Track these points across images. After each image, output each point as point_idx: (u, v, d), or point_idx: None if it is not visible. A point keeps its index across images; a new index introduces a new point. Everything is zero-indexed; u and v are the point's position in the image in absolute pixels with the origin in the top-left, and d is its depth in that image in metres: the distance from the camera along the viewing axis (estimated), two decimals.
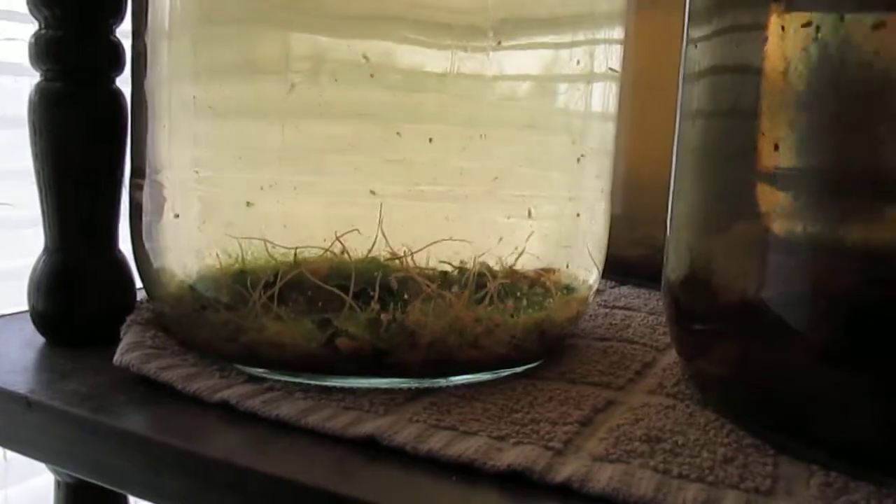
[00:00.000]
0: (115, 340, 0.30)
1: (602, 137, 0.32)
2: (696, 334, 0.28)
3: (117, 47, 0.31)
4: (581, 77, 0.30)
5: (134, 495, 0.26)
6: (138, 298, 0.33)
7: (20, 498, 0.47)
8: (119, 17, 0.31)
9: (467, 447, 0.23)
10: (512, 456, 0.22)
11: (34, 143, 0.30)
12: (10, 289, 0.48)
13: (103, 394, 0.27)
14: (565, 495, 0.21)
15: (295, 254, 0.27)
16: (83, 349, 0.31)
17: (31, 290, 0.31)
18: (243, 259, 0.28)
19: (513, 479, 0.22)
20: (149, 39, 0.30)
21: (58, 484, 0.35)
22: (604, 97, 0.32)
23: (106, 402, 0.26)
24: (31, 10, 0.30)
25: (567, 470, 0.22)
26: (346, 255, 0.27)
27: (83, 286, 0.31)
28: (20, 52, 0.31)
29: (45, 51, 0.30)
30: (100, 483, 0.25)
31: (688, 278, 0.28)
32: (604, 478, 0.21)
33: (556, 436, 0.24)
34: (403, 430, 0.24)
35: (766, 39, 0.23)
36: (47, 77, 0.30)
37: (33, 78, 0.31)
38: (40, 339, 0.32)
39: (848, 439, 0.22)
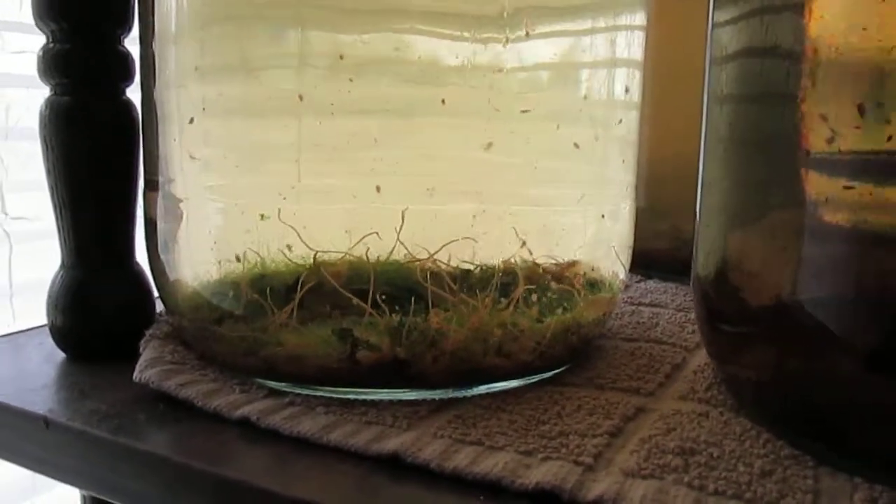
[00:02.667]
0: (135, 354, 0.30)
1: (627, 127, 0.31)
2: (728, 336, 0.27)
3: (126, 57, 0.31)
4: (604, 64, 0.29)
5: None
6: (157, 310, 0.33)
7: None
8: (126, 27, 0.30)
9: (494, 464, 0.22)
10: (540, 473, 0.21)
11: (46, 159, 0.30)
12: (28, 301, 0.48)
13: (123, 412, 0.26)
14: None
15: (314, 258, 0.27)
16: (103, 364, 0.30)
17: (49, 305, 0.31)
18: (262, 265, 0.27)
19: (543, 497, 0.21)
20: (156, 46, 0.29)
21: (83, 498, 0.35)
22: (628, 85, 0.31)
23: (126, 421, 0.26)
24: (37, 24, 0.29)
25: (598, 488, 0.21)
26: (366, 258, 0.26)
27: (100, 301, 0.31)
28: (32, 64, 0.31)
29: (54, 65, 0.29)
30: None
31: (719, 275, 0.27)
32: (637, 496, 0.20)
33: (585, 449, 0.23)
34: (428, 447, 0.23)
35: (808, 17, 0.22)
36: (57, 91, 0.30)
37: (45, 89, 0.30)
38: (60, 354, 0.32)
39: (893, 451, 0.21)
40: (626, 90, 0.31)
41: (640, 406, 0.26)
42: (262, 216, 0.26)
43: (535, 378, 0.28)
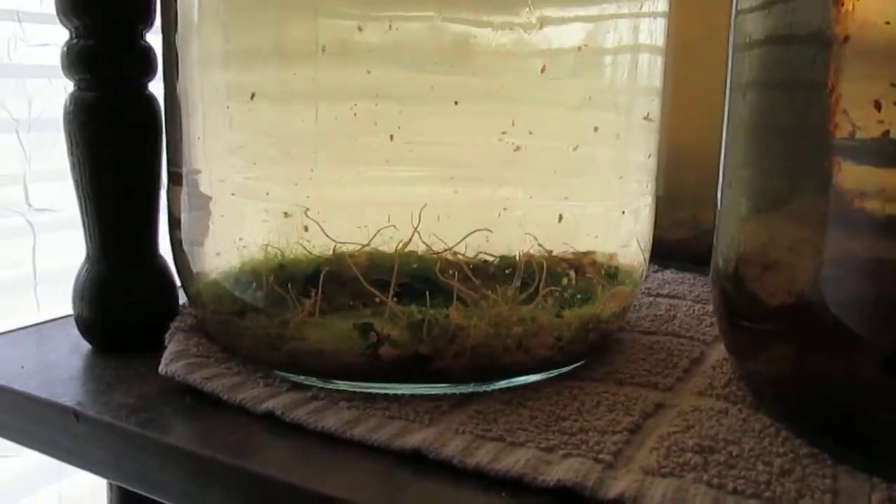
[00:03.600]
0: (160, 346, 0.30)
1: (650, 114, 0.31)
2: (747, 332, 0.27)
3: (148, 52, 0.31)
4: (628, 50, 0.29)
5: None
6: (181, 303, 0.33)
7: (74, 491, 0.48)
8: (149, 22, 0.31)
9: (516, 461, 0.22)
10: (561, 470, 0.22)
11: (71, 153, 0.30)
12: (52, 290, 0.49)
13: (150, 405, 0.27)
14: None
15: (334, 250, 0.27)
16: (129, 356, 0.31)
17: (76, 298, 0.31)
18: (283, 256, 0.28)
19: (564, 494, 0.21)
20: (179, 38, 0.30)
21: (110, 483, 0.36)
22: (650, 72, 0.31)
23: (153, 414, 0.26)
24: (60, 20, 0.30)
25: (619, 486, 0.21)
26: (391, 250, 0.26)
27: (125, 294, 0.31)
28: (55, 56, 0.31)
29: (77, 61, 0.29)
30: (147, 495, 0.26)
31: (739, 268, 0.27)
32: (657, 494, 0.21)
33: (605, 447, 0.23)
34: (450, 443, 0.23)
35: (837, 2, 0.22)
36: (81, 87, 0.30)
37: (67, 79, 0.31)
38: (86, 345, 0.32)
39: None
40: (649, 77, 0.31)
41: (659, 402, 0.27)
42: (285, 214, 0.27)
43: (555, 372, 0.29)
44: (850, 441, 0.22)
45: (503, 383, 0.28)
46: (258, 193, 0.28)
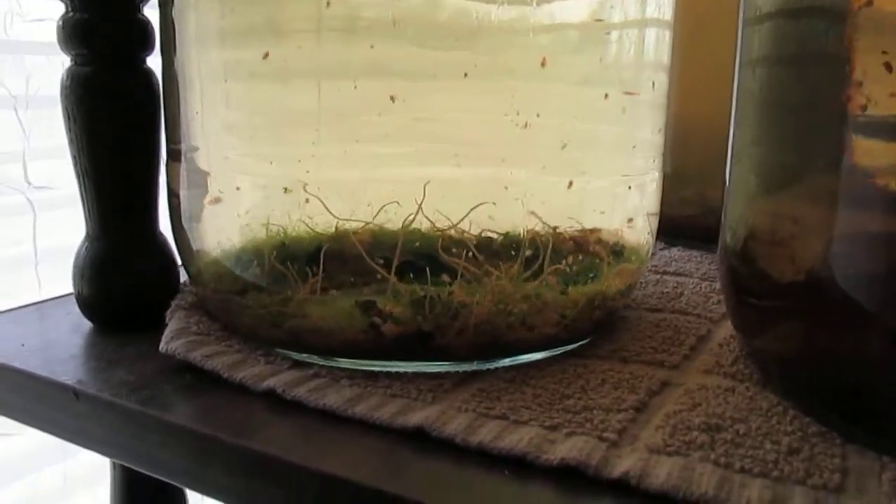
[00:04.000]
0: (161, 324, 0.30)
1: (657, 90, 0.30)
2: (756, 309, 0.27)
3: (146, 26, 0.30)
4: (635, 25, 0.28)
5: (182, 486, 0.26)
6: (181, 280, 0.33)
7: (79, 469, 0.48)
8: None
9: (519, 439, 0.22)
10: (565, 449, 0.21)
11: (69, 129, 0.30)
12: (53, 267, 0.49)
13: (151, 383, 0.26)
14: (622, 491, 0.20)
15: (336, 227, 0.27)
16: (130, 334, 0.31)
17: (76, 276, 0.31)
18: (284, 234, 0.27)
19: (567, 473, 0.21)
20: (176, 11, 0.29)
21: (113, 463, 0.36)
22: (658, 46, 0.30)
23: (154, 392, 0.26)
24: None
25: (623, 464, 0.21)
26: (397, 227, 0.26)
27: (126, 272, 0.31)
28: (51, 32, 0.31)
29: (73, 34, 0.29)
30: (148, 473, 0.25)
31: (748, 245, 0.26)
32: (662, 473, 0.20)
33: (610, 425, 0.23)
34: (453, 421, 0.23)
35: None
36: (77, 62, 0.29)
37: (65, 56, 0.30)
38: (87, 324, 0.32)
39: None
40: (657, 52, 0.30)
41: (665, 380, 0.26)
42: (285, 189, 0.26)
43: (559, 350, 0.28)
44: (859, 419, 0.22)
45: (507, 361, 0.27)
46: (258, 170, 0.27)
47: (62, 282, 0.34)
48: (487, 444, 0.22)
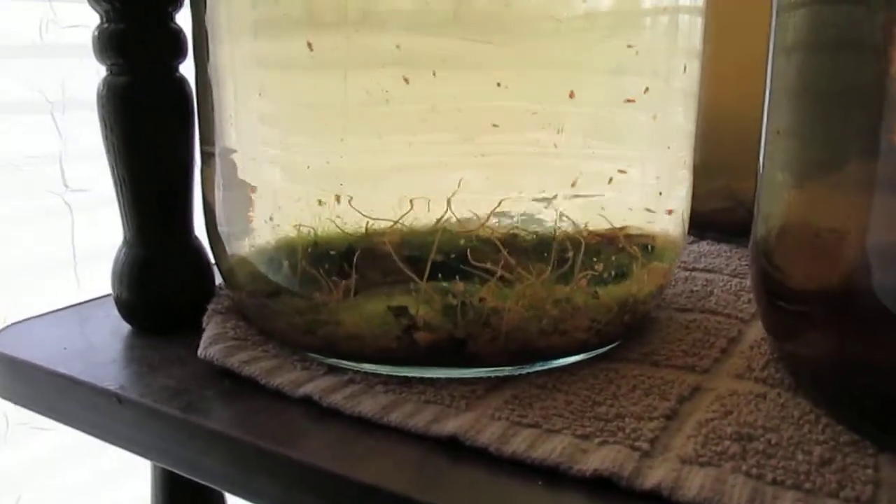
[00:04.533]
0: (197, 327, 0.31)
1: (690, 78, 0.30)
2: (787, 313, 0.27)
3: (178, 34, 0.31)
4: (668, 11, 0.28)
5: (224, 490, 0.27)
6: (216, 283, 0.34)
7: (114, 463, 0.49)
8: (178, 4, 0.30)
9: (552, 449, 0.22)
10: (598, 459, 0.22)
11: (105, 138, 0.30)
12: (91, 267, 0.50)
13: (191, 389, 0.27)
14: (654, 501, 0.21)
15: (366, 227, 0.27)
16: (168, 337, 0.31)
17: (115, 280, 0.32)
18: (315, 234, 0.28)
19: (600, 483, 0.21)
20: (208, 17, 0.29)
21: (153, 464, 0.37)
22: (690, 33, 0.29)
23: (194, 398, 0.26)
24: (91, 4, 0.29)
25: (656, 475, 0.21)
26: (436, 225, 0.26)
27: (163, 276, 0.32)
28: (85, 36, 0.31)
29: (108, 45, 0.29)
30: (191, 477, 0.26)
31: (780, 246, 0.26)
32: (695, 485, 0.21)
33: (642, 434, 0.23)
34: (486, 430, 0.23)
35: None
36: (113, 71, 0.30)
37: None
38: (125, 326, 0.33)
39: None
40: (689, 39, 0.29)
41: (696, 385, 0.27)
42: (319, 201, 0.27)
43: (590, 354, 0.29)
44: (893, 428, 0.22)
45: (538, 366, 0.28)
46: (290, 171, 0.28)
47: (100, 280, 0.35)
48: (521, 454, 0.22)
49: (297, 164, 0.28)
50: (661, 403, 0.25)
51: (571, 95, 0.26)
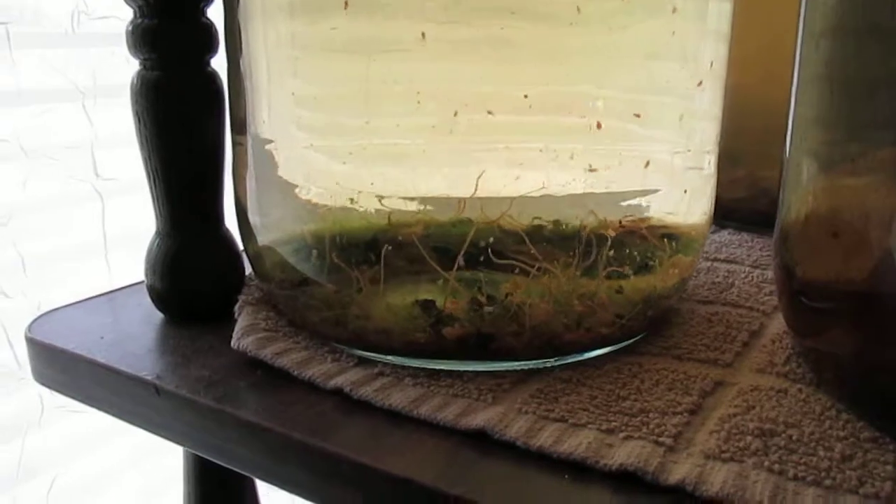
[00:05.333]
0: (228, 315, 0.32)
1: (718, 62, 0.30)
2: (810, 310, 0.27)
3: (210, 29, 0.31)
4: None
5: (259, 479, 0.27)
6: (247, 273, 0.35)
7: (148, 443, 0.50)
8: None
9: (578, 444, 0.23)
10: (623, 454, 0.22)
11: (139, 132, 0.31)
12: (122, 253, 0.51)
13: (225, 379, 0.28)
14: (679, 495, 0.21)
15: (389, 218, 0.27)
16: (200, 326, 0.32)
17: (148, 270, 0.33)
18: (342, 226, 0.28)
19: (626, 477, 0.22)
20: (241, 13, 0.30)
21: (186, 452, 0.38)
22: (718, 18, 0.29)
23: (228, 388, 0.27)
24: (125, 0, 0.30)
25: (680, 470, 0.22)
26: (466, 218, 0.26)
27: (196, 266, 0.32)
28: (115, 26, 0.32)
29: (142, 40, 0.30)
30: (226, 466, 0.27)
31: (805, 239, 0.26)
32: (718, 480, 0.21)
33: (666, 429, 0.24)
34: (514, 424, 0.24)
35: None
36: (146, 66, 0.30)
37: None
38: (158, 315, 0.34)
39: None
40: (718, 24, 0.29)
41: (719, 379, 0.27)
42: (350, 198, 0.27)
43: (614, 348, 0.29)
44: None
45: (563, 360, 0.28)
46: (321, 160, 0.28)
47: (131, 266, 0.36)
48: (548, 448, 0.23)
49: (328, 154, 0.28)
50: (685, 398, 0.26)
51: (600, 84, 0.26)
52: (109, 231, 0.47)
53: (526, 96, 0.26)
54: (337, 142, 0.28)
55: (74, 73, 0.44)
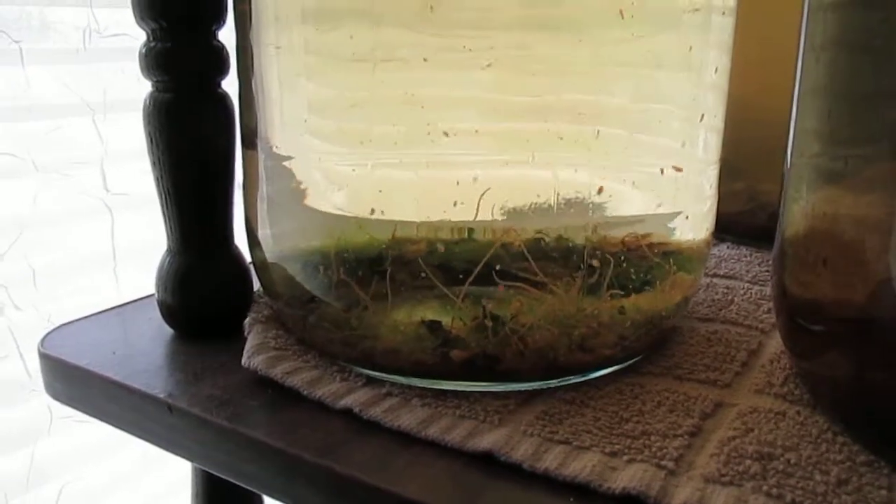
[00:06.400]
0: (238, 332, 0.32)
1: (721, 75, 0.30)
2: (807, 332, 0.28)
3: (221, 52, 0.32)
4: (702, 7, 0.28)
5: (268, 496, 0.28)
6: (255, 289, 0.35)
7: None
8: (222, 21, 0.31)
9: (583, 467, 0.24)
10: (626, 478, 0.23)
11: (151, 153, 0.32)
12: (130, 266, 0.51)
13: (236, 399, 0.29)
14: None
15: (393, 234, 0.28)
16: (210, 343, 0.33)
17: (159, 286, 0.33)
18: (347, 243, 0.29)
19: (629, 500, 0.23)
20: (253, 32, 0.30)
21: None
22: (721, 30, 0.29)
23: (240, 408, 0.28)
24: (138, 23, 0.31)
25: (681, 494, 0.22)
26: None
27: (207, 284, 0.33)
28: (126, 43, 0.32)
29: (155, 63, 0.30)
30: (237, 483, 0.28)
31: (803, 261, 0.26)
32: None
33: (667, 452, 0.24)
34: (520, 446, 0.25)
35: None
36: (158, 88, 0.31)
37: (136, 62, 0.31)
38: (168, 330, 0.34)
39: None
40: (721, 36, 0.29)
41: (718, 401, 0.28)
42: (357, 217, 0.28)
43: (616, 368, 0.30)
44: None
45: (566, 380, 0.29)
46: (330, 179, 0.29)
47: (138, 279, 0.36)
48: (553, 471, 0.24)
49: (337, 172, 0.28)
50: (685, 420, 0.26)
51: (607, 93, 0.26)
52: (118, 245, 0.48)
53: (542, 104, 0.26)
54: (346, 157, 0.28)
55: (85, 90, 0.44)
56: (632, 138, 0.28)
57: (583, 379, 0.29)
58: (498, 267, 0.27)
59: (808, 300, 0.27)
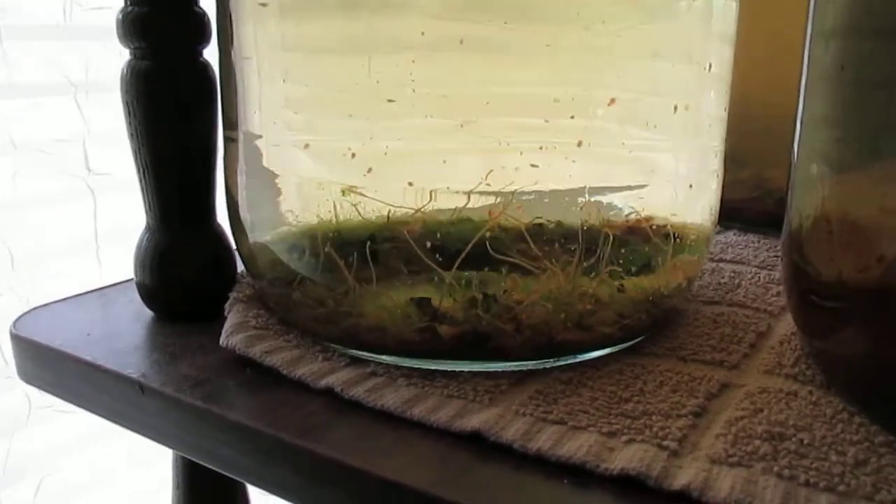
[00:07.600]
0: (218, 313, 0.31)
1: (723, 63, 0.29)
2: (820, 309, 0.26)
3: (202, 19, 0.30)
4: None
5: (246, 482, 0.27)
6: (238, 270, 0.34)
7: (141, 447, 0.49)
8: None
9: (578, 447, 0.22)
10: (625, 458, 0.21)
11: (129, 123, 0.30)
12: (112, 248, 0.50)
13: (212, 378, 0.27)
14: (684, 502, 0.20)
15: (388, 215, 0.27)
16: (190, 323, 0.31)
17: (137, 266, 0.32)
18: (337, 222, 0.27)
19: (628, 482, 0.21)
20: (232, 3, 0.29)
21: (175, 455, 0.37)
22: (724, 17, 0.29)
23: (216, 388, 0.26)
24: None
25: (685, 476, 0.21)
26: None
27: (185, 263, 0.32)
28: (109, 18, 0.31)
29: (132, 29, 0.29)
30: (213, 468, 0.26)
31: (814, 239, 0.25)
32: (725, 486, 0.20)
33: (670, 432, 0.23)
34: (511, 426, 0.23)
35: None
36: (136, 55, 0.30)
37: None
38: (148, 312, 0.33)
39: None
40: (723, 24, 0.29)
41: (725, 381, 0.26)
42: (342, 190, 0.26)
43: (616, 348, 0.28)
44: None
45: (563, 360, 0.27)
46: (314, 157, 0.27)
47: (121, 262, 0.35)
48: (546, 451, 0.22)
49: (321, 150, 0.27)
50: (690, 400, 0.24)
51: (604, 85, 0.26)
52: (101, 227, 0.46)
53: (530, 93, 0.25)
54: (332, 138, 0.27)
55: (66, 66, 0.43)
56: (633, 123, 0.26)
57: (581, 359, 0.27)
58: (493, 247, 0.25)
59: (822, 277, 0.26)
